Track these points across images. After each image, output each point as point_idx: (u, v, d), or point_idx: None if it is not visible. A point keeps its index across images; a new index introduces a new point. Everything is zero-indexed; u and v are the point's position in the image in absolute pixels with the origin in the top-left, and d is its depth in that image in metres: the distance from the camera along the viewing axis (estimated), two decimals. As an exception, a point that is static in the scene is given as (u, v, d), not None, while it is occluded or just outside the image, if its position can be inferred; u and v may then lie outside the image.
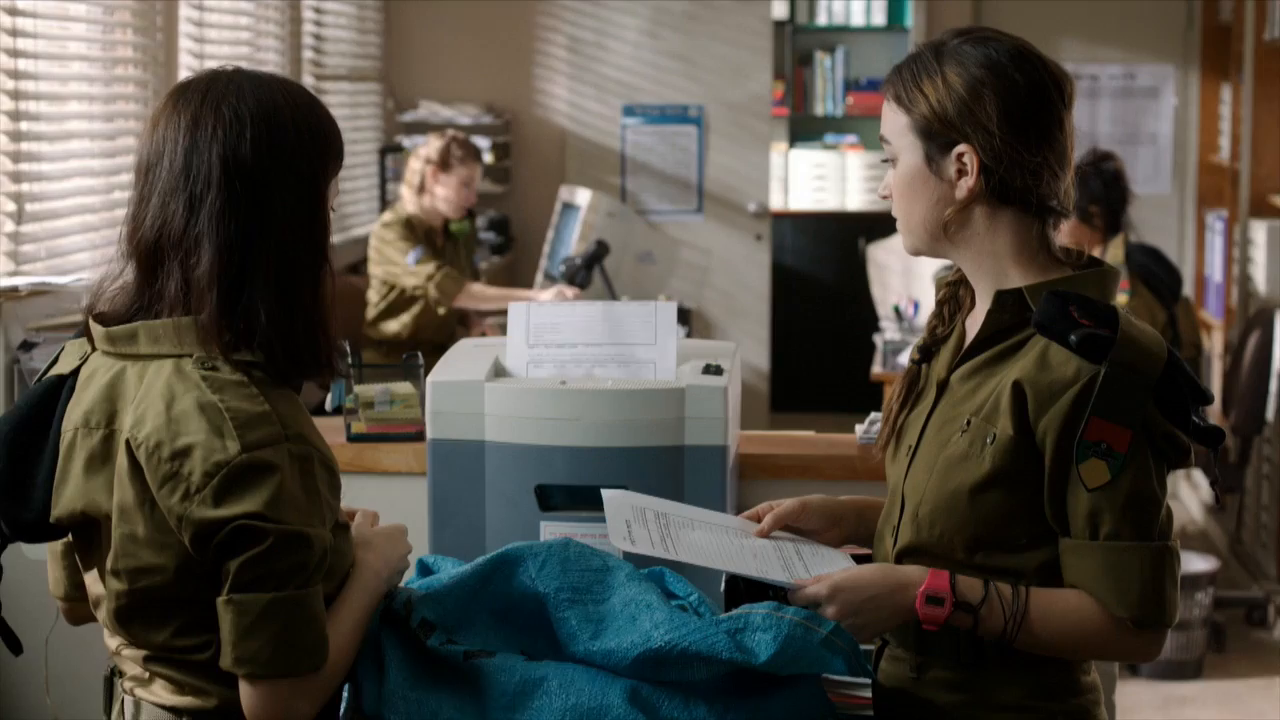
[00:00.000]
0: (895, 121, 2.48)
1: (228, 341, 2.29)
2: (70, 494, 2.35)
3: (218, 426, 2.23)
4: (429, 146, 6.75)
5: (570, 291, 6.72)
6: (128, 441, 2.28)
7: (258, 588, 2.23)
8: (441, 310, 6.66)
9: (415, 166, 6.76)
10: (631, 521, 2.57)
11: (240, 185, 2.29)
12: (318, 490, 2.30)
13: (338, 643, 2.33)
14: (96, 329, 2.38)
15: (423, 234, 6.73)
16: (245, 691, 2.27)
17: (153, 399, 2.28)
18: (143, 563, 2.29)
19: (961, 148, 2.42)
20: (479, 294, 6.73)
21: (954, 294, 2.59)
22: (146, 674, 2.39)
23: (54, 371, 2.43)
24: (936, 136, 2.43)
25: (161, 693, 2.38)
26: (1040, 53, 2.46)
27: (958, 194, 2.44)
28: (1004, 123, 2.40)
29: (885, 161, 2.53)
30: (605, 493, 2.64)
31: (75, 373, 2.41)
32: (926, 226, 2.48)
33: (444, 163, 6.70)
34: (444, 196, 6.72)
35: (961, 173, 2.43)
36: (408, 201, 6.78)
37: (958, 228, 2.46)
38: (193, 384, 2.27)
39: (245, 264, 2.30)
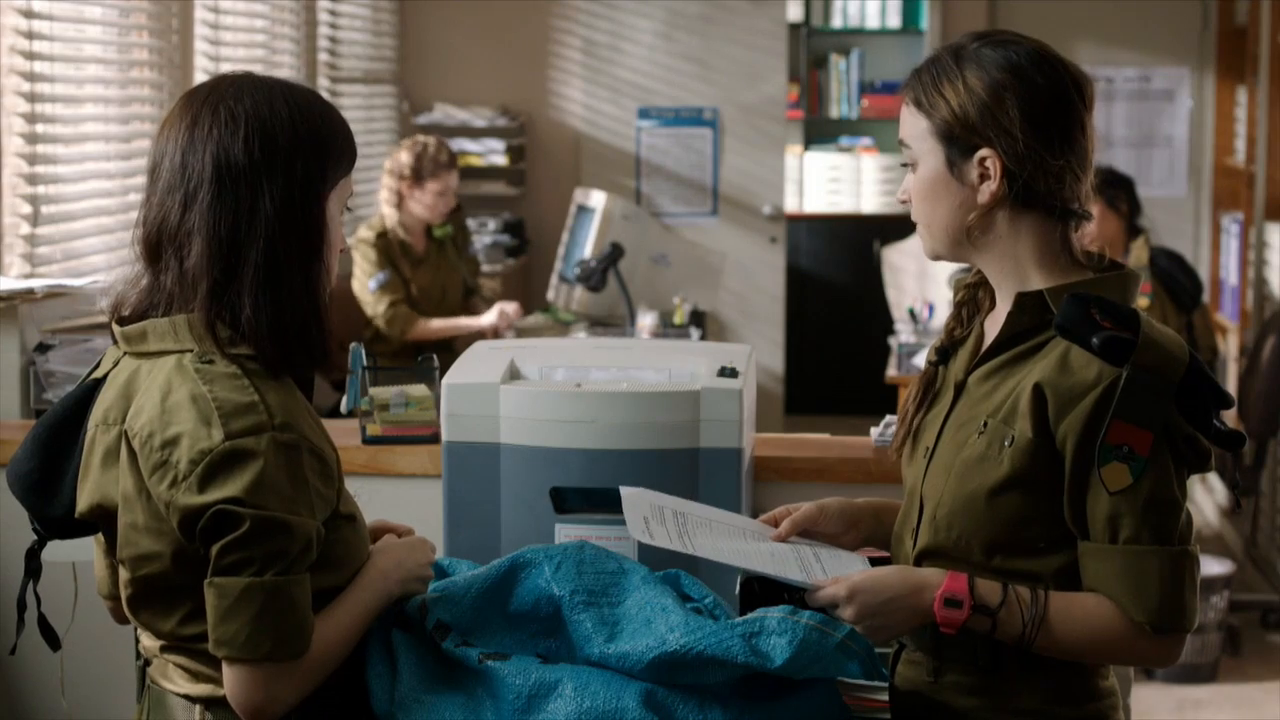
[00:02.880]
0: (915, 125, 2.47)
1: (225, 337, 2.36)
2: (89, 489, 2.43)
3: (205, 416, 2.30)
4: (400, 159, 6.69)
5: (511, 307, 6.71)
6: (125, 432, 2.36)
7: (236, 571, 2.28)
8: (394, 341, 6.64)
9: (389, 181, 6.71)
10: (649, 518, 2.57)
11: (230, 182, 2.36)
12: (305, 479, 2.33)
13: (327, 634, 2.37)
14: (116, 330, 2.45)
15: (398, 248, 6.69)
16: (225, 674, 2.32)
17: (152, 392, 2.35)
18: (142, 550, 2.36)
19: (984, 152, 2.41)
20: (429, 330, 6.66)
21: (972, 296, 2.58)
22: (165, 663, 2.45)
23: (93, 375, 2.51)
24: (958, 140, 2.42)
25: (180, 681, 2.43)
26: (1060, 55, 2.46)
27: (980, 198, 2.43)
28: (1026, 126, 2.39)
29: (905, 166, 2.52)
30: (624, 490, 2.64)
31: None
32: (949, 231, 2.47)
33: (417, 175, 6.65)
34: (422, 208, 6.69)
35: (984, 177, 2.42)
36: (385, 213, 6.73)
37: (980, 232, 2.45)
38: (189, 377, 2.34)
39: (233, 258, 2.36)
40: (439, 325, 6.69)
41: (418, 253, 6.76)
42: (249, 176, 2.36)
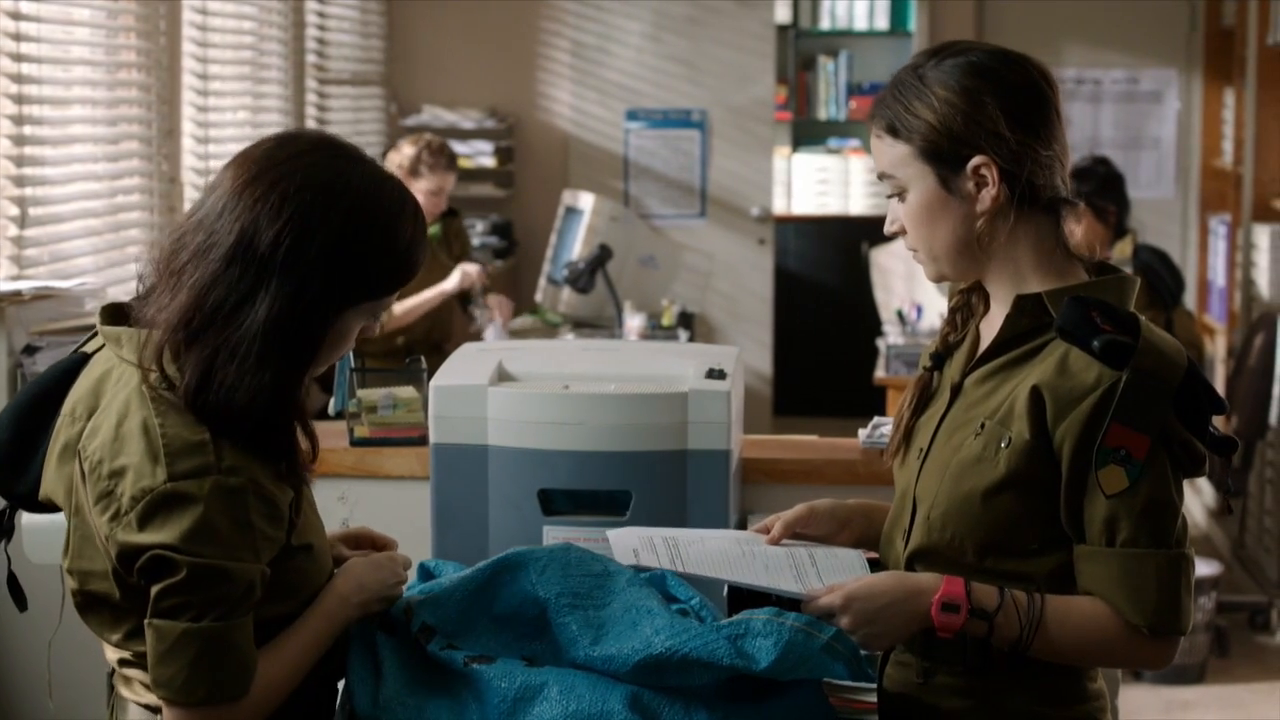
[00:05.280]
0: (894, 153, 2.44)
1: (174, 375, 2.29)
2: (47, 479, 2.41)
3: (154, 452, 2.25)
4: (401, 152, 6.67)
5: (474, 269, 6.61)
6: (79, 450, 2.32)
7: (174, 615, 2.25)
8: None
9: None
10: (639, 549, 2.56)
11: (241, 263, 2.27)
12: (249, 523, 2.27)
13: (271, 670, 2.33)
14: (99, 327, 2.41)
15: None
16: (165, 714, 2.30)
17: (110, 413, 2.31)
18: (93, 566, 2.33)
19: (977, 159, 2.38)
20: (404, 311, 6.56)
21: (967, 300, 2.56)
22: (125, 673, 2.42)
23: (83, 349, 2.47)
24: (947, 155, 2.39)
25: (142, 691, 2.41)
26: (1017, 51, 2.45)
27: (979, 207, 2.40)
28: (1012, 124, 2.38)
29: (890, 197, 2.47)
30: (610, 533, 2.62)
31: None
32: (956, 249, 2.43)
33: (413, 170, 6.61)
34: None
35: (980, 185, 2.39)
36: None
37: (989, 240, 2.42)
38: (145, 404, 2.28)
39: (203, 329, 2.28)
40: (412, 301, 6.59)
41: None
42: (260, 269, 2.27)
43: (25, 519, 2.64)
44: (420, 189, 6.60)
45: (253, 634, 2.29)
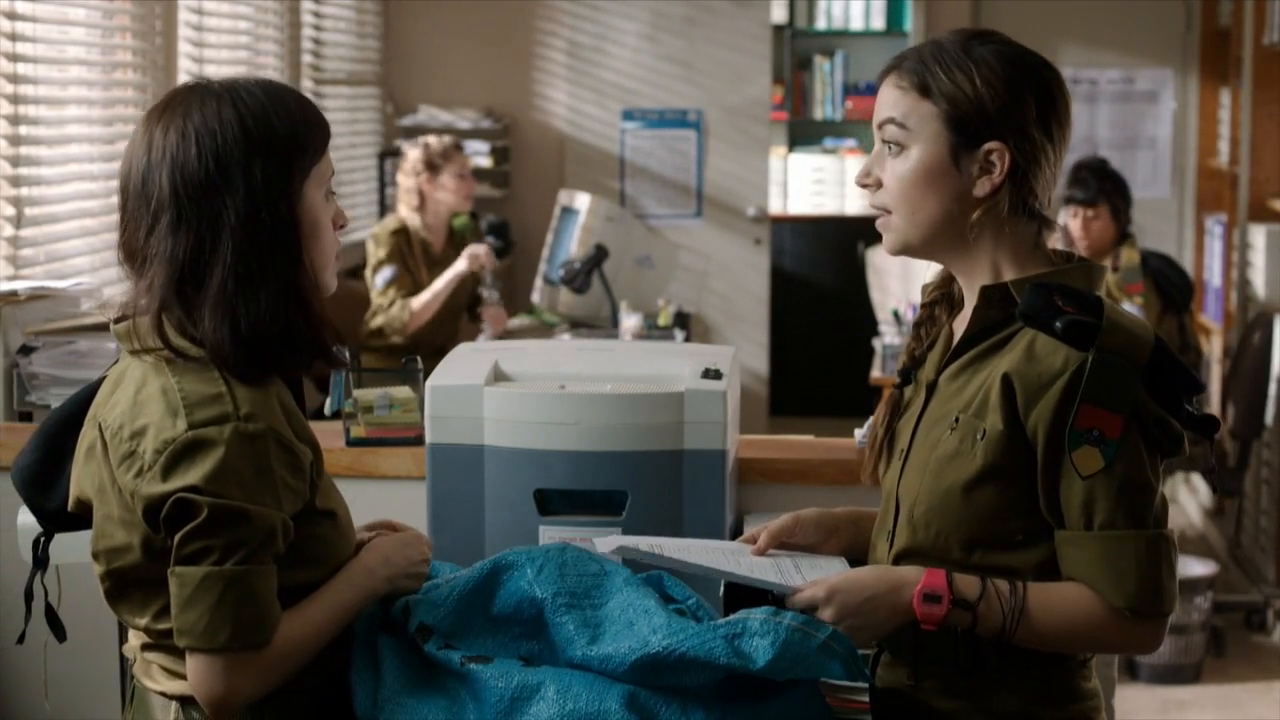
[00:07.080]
0: (918, 109, 2.41)
1: (185, 343, 2.37)
2: (74, 482, 2.46)
3: (173, 407, 2.32)
4: (410, 160, 6.72)
5: (481, 248, 6.64)
6: (100, 425, 2.38)
7: (196, 560, 2.29)
8: (398, 339, 6.58)
9: (409, 185, 6.72)
10: (624, 549, 2.57)
11: (190, 201, 2.36)
12: (270, 469, 2.33)
13: (294, 627, 2.36)
14: (111, 328, 2.47)
15: (419, 246, 6.68)
16: (187, 664, 2.33)
17: (127, 387, 2.38)
18: (116, 543, 2.37)
19: (992, 144, 2.38)
20: (423, 305, 6.59)
21: (931, 314, 2.56)
22: (148, 662, 2.45)
23: (107, 372, 2.52)
24: (969, 130, 2.38)
25: (161, 679, 2.44)
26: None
27: (976, 191, 2.40)
28: (1039, 124, 2.38)
29: (885, 144, 2.45)
30: (597, 541, 2.63)
31: None
32: (935, 222, 2.42)
33: (431, 166, 6.68)
34: (447, 195, 6.70)
35: (984, 170, 2.39)
36: (405, 215, 6.74)
37: (968, 228, 2.41)
38: (162, 371, 2.36)
39: (195, 280, 2.36)
40: (429, 293, 6.63)
41: (435, 252, 6.76)
42: (207, 192, 2.35)
43: (24, 520, 2.65)
44: (451, 175, 6.68)
45: (275, 589, 2.33)
